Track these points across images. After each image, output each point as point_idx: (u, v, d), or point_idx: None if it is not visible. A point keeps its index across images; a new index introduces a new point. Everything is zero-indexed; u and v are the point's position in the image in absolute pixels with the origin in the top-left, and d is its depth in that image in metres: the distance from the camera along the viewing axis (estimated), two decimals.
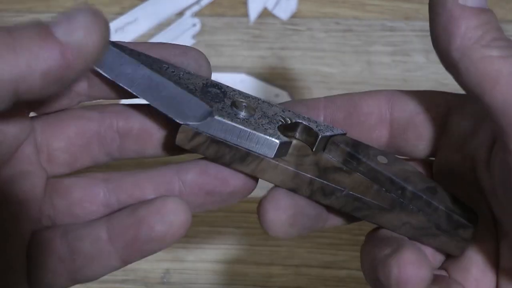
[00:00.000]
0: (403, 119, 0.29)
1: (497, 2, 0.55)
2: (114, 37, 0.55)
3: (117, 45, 0.26)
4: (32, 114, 0.27)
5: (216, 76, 0.52)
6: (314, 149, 0.27)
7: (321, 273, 0.46)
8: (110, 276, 0.46)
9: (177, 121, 0.25)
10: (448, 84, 0.53)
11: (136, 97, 0.26)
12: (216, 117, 0.25)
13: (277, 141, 0.26)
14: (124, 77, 0.26)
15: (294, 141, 0.27)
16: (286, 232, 0.26)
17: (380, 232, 0.28)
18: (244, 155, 0.26)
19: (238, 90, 0.27)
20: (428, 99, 0.29)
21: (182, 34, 0.54)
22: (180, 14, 0.55)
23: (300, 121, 0.27)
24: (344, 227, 0.48)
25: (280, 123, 0.27)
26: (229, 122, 0.25)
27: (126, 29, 0.53)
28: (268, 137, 0.26)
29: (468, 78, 0.24)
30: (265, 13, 0.55)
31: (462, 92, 0.26)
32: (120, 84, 0.26)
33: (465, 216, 0.27)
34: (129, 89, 0.26)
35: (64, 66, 0.21)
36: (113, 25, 0.53)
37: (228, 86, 0.27)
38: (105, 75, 0.26)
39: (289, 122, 0.27)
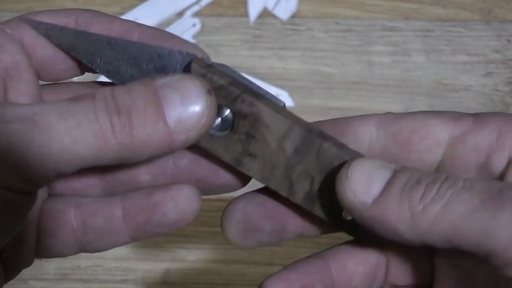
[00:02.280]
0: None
1: (497, 2, 0.55)
2: None
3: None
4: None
5: None
6: None
7: None
8: (110, 276, 0.47)
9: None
10: (448, 84, 0.53)
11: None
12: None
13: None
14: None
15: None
16: (241, 243, 0.28)
17: None
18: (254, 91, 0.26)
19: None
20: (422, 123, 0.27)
21: (182, 34, 0.54)
22: (180, 14, 0.55)
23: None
24: None
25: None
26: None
27: None
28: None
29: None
30: (265, 13, 0.55)
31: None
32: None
33: None
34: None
35: (168, 151, 0.23)
36: None
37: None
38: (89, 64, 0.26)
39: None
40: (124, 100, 0.22)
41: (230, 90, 0.26)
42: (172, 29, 0.54)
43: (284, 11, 0.55)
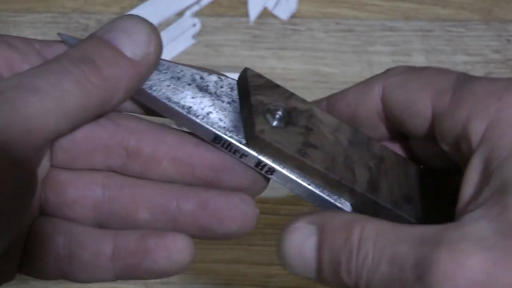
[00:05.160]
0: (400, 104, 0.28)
1: (497, 2, 0.55)
2: None
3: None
4: None
5: None
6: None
7: None
8: None
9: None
10: None
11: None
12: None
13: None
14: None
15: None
16: None
17: None
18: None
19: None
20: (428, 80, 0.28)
21: (182, 34, 0.54)
22: (180, 14, 0.55)
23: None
24: None
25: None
26: None
27: None
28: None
29: None
30: (265, 13, 0.55)
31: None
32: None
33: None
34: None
35: (139, 79, 0.25)
36: None
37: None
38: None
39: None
40: (81, 54, 0.24)
41: (284, 89, 0.28)
42: (172, 29, 0.54)
43: (284, 11, 0.55)
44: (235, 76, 0.29)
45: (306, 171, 0.27)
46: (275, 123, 0.26)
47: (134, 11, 0.54)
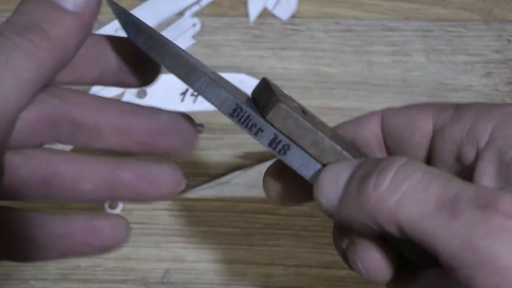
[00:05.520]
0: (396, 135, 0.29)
1: (497, 2, 0.55)
2: None
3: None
4: None
5: None
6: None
7: (321, 273, 0.46)
8: (110, 276, 0.47)
9: None
10: (448, 84, 0.53)
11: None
12: None
13: None
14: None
15: None
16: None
17: None
18: None
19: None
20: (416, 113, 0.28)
21: (182, 34, 0.54)
22: (180, 14, 0.55)
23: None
24: None
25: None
26: None
27: None
28: None
29: None
30: (265, 13, 0.55)
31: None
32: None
33: None
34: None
35: (87, 30, 0.25)
36: (113, 25, 0.53)
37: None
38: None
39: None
40: (24, 20, 0.25)
41: (294, 100, 0.29)
42: (172, 29, 0.54)
43: (284, 11, 0.55)
44: (235, 75, 0.30)
45: (322, 148, 0.26)
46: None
47: (134, 11, 0.54)
